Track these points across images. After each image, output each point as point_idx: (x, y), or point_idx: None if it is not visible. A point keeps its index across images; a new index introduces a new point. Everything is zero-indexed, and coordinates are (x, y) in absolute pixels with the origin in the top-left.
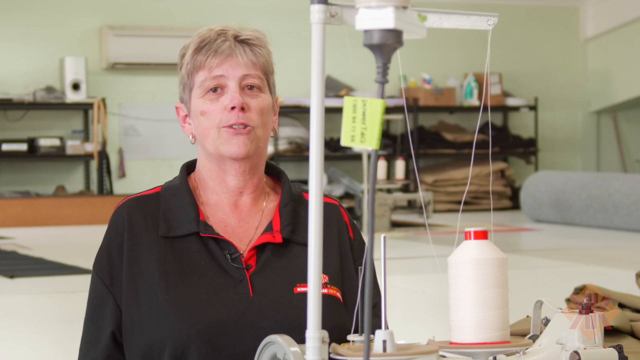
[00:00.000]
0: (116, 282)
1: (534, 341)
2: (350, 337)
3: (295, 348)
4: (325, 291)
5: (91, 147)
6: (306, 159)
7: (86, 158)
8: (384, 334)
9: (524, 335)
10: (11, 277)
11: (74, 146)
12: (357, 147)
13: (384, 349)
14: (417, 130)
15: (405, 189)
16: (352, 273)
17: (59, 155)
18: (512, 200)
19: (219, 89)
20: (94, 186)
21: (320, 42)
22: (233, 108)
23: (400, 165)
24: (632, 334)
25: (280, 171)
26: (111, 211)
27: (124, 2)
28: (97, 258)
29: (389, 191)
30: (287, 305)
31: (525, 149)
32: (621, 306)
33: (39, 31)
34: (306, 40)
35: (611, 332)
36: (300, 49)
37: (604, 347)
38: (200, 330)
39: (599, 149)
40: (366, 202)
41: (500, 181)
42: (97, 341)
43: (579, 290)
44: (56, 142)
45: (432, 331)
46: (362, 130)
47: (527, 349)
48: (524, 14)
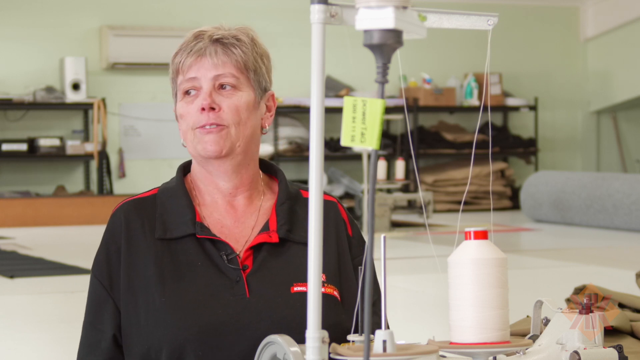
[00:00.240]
0: (115, 284)
1: (534, 341)
2: (350, 337)
3: (295, 348)
4: (322, 290)
5: (91, 147)
6: (306, 159)
7: (86, 158)
8: (384, 334)
9: (524, 335)
10: (11, 277)
11: (74, 146)
12: (357, 147)
13: (384, 349)
14: (417, 130)
15: (405, 189)
16: (350, 271)
17: (59, 155)
18: (512, 200)
19: (193, 91)
20: (94, 186)
21: (320, 42)
22: (204, 109)
23: (400, 165)
24: (632, 334)
25: (277, 170)
26: (111, 211)
27: (124, 2)
28: (96, 261)
29: (389, 191)
30: (284, 305)
31: (525, 149)
32: (621, 306)
33: (39, 31)
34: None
35: (611, 332)
36: (300, 49)
37: (604, 347)
38: (197, 332)
39: (599, 149)
40: (366, 202)
41: (500, 181)
42: (97, 345)
43: (579, 290)
44: (56, 142)
45: (432, 331)
46: (362, 130)
47: (527, 349)
48: (524, 14)
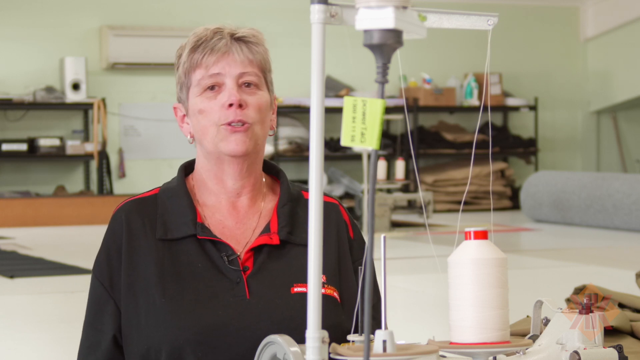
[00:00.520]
0: (116, 285)
1: (534, 341)
2: (350, 337)
3: (295, 348)
4: (322, 291)
5: (91, 147)
6: (306, 159)
7: (86, 158)
8: (384, 334)
9: (524, 335)
10: (11, 277)
11: (74, 146)
12: (357, 147)
13: (384, 349)
14: (417, 130)
15: (405, 189)
16: (350, 273)
17: (59, 155)
18: (512, 200)
19: (216, 87)
20: (94, 186)
21: (320, 42)
22: (230, 105)
23: (400, 165)
24: (632, 334)
25: (279, 170)
26: (111, 211)
27: (124, 2)
28: (97, 261)
29: (389, 191)
30: (284, 306)
31: (525, 149)
32: (621, 306)
33: (39, 31)
34: (306, 40)
35: (611, 332)
36: (300, 49)
37: (604, 347)
38: (197, 333)
39: (599, 149)
40: (366, 202)
41: (500, 181)
42: (97, 345)
43: (579, 290)
44: (56, 142)
45: (432, 331)
46: (362, 130)
47: (527, 349)
48: (524, 14)
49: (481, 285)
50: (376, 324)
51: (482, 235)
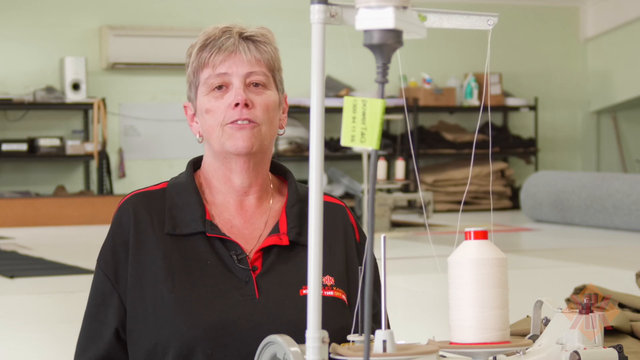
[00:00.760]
0: (121, 278)
1: (534, 341)
2: (350, 337)
3: (295, 348)
4: (331, 293)
5: (91, 147)
6: (306, 159)
7: (86, 158)
8: (384, 334)
9: (524, 335)
10: (11, 277)
11: (74, 146)
12: (357, 147)
13: (384, 349)
14: (417, 130)
15: (405, 189)
16: (357, 276)
17: (59, 155)
18: (512, 200)
19: (223, 87)
20: (94, 186)
21: (320, 42)
22: (237, 105)
23: (400, 165)
24: (632, 334)
25: (286, 170)
26: (111, 211)
27: (124, 2)
28: (102, 253)
29: (389, 191)
30: (293, 307)
31: (525, 149)
32: (621, 306)
33: (39, 31)
34: (306, 40)
35: (611, 332)
36: (300, 49)
37: (604, 347)
38: (206, 331)
39: (599, 149)
40: (366, 202)
41: (500, 181)
42: (99, 338)
43: (579, 290)
44: (56, 142)
45: (432, 331)
46: (362, 130)
47: (527, 349)
48: (524, 14)
49: (481, 285)
50: (376, 324)
51: (482, 235)
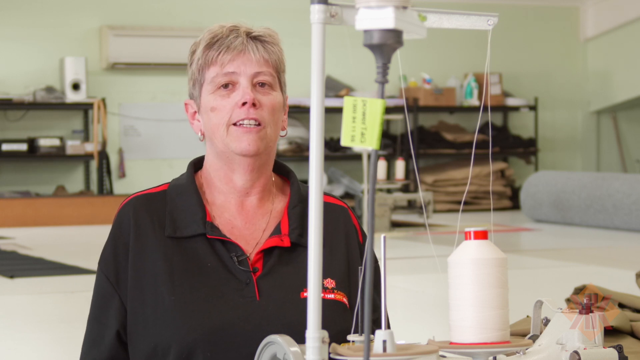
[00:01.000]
0: (122, 280)
1: (534, 341)
2: (350, 337)
3: (295, 348)
4: (332, 296)
5: (91, 147)
6: (306, 159)
7: (86, 158)
8: (384, 334)
9: (524, 335)
10: (11, 277)
11: (74, 146)
12: (357, 147)
13: (384, 349)
14: (417, 130)
15: (405, 189)
16: (358, 276)
17: (59, 155)
18: (512, 200)
19: (230, 85)
20: (94, 186)
21: (320, 42)
22: (244, 104)
23: (400, 165)
24: (632, 334)
25: (289, 170)
26: (111, 211)
27: (124, 2)
28: (103, 255)
29: (389, 191)
30: (294, 309)
31: (525, 149)
32: (621, 306)
33: (39, 31)
34: (306, 40)
35: (611, 332)
36: (300, 49)
37: (604, 347)
38: (206, 333)
39: (599, 149)
40: (366, 202)
41: (500, 181)
42: (101, 340)
43: (579, 290)
44: (56, 142)
45: (432, 331)
46: (362, 130)
47: (527, 349)
48: (524, 14)
49: (481, 285)
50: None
51: (482, 235)
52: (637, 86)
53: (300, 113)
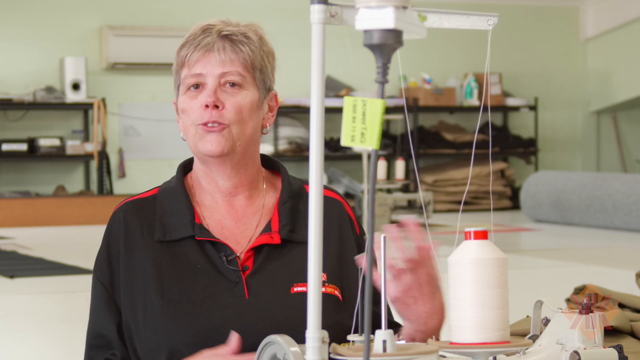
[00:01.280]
0: (116, 286)
1: (534, 341)
2: (350, 337)
3: (295, 348)
4: (323, 289)
5: (91, 147)
6: (306, 159)
7: (86, 158)
8: (384, 334)
9: (524, 335)
10: (11, 277)
11: (74, 146)
12: (357, 147)
13: (384, 349)
14: (417, 130)
15: (405, 189)
16: (354, 270)
17: (59, 155)
18: (512, 200)
19: (199, 86)
20: (94, 186)
21: (320, 42)
22: (207, 106)
23: (400, 165)
24: (632, 334)
25: (280, 165)
26: (111, 211)
27: (124, 2)
28: (97, 262)
29: (389, 191)
30: (284, 306)
31: (525, 149)
32: (621, 306)
33: (39, 31)
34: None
35: (611, 332)
36: (300, 49)
37: (604, 347)
38: (196, 335)
39: (599, 149)
40: (366, 202)
41: (500, 181)
42: (102, 346)
43: (579, 290)
44: (56, 142)
45: None
46: (362, 130)
47: (527, 349)
48: (524, 14)
49: (481, 285)
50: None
51: (482, 235)
52: (637, 86)
53: (300, 113)
